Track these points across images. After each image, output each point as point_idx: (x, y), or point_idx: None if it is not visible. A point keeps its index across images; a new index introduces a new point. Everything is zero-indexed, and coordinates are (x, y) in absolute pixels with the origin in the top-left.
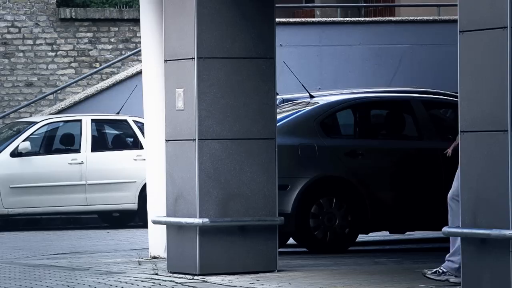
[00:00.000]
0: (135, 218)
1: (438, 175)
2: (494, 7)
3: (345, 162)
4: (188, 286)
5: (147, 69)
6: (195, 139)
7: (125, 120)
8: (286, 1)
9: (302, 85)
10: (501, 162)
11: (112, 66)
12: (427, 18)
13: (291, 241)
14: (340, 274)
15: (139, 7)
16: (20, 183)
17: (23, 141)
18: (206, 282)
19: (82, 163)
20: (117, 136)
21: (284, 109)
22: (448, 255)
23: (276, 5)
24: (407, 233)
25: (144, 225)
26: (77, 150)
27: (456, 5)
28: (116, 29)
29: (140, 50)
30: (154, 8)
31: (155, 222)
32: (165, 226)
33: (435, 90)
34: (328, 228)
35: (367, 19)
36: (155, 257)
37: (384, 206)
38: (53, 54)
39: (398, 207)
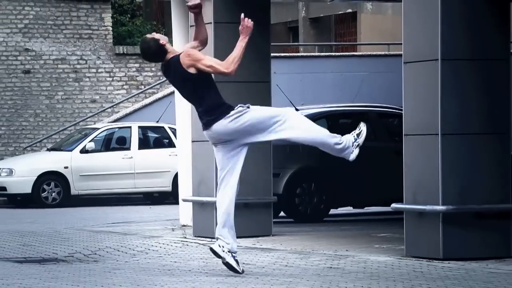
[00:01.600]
0: (169, 197)
1: (388, 166)
2: (430, 44)
3: (321, 157)
4: (206, 245)
5: None
6: None
7: (162, 127)
8: (278, 40)
9: (290, 101)
10: (434, 156)
11: (153, 87)
12: (380, 53)
13: (282, 214)
14: (317, 237)
15: (172, 44)
16: (86, 172)
17: (89, 142)
18: None
19: (131, 157)
20: (157, 138)
21: None
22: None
23: (271, 43)
24: (366, 208)
25: (176, 202)
26: (128, 148)
27: (401, 43)
28: None
29: None
30: (184, 45)
31: (184, 200)
32: (191, 203)
33: (385, 105)
34: (309, 204)
35: (337, 54)
36: (184, 225)
37: (349, 189)
38: (111, 79)
39: (359, 189)
